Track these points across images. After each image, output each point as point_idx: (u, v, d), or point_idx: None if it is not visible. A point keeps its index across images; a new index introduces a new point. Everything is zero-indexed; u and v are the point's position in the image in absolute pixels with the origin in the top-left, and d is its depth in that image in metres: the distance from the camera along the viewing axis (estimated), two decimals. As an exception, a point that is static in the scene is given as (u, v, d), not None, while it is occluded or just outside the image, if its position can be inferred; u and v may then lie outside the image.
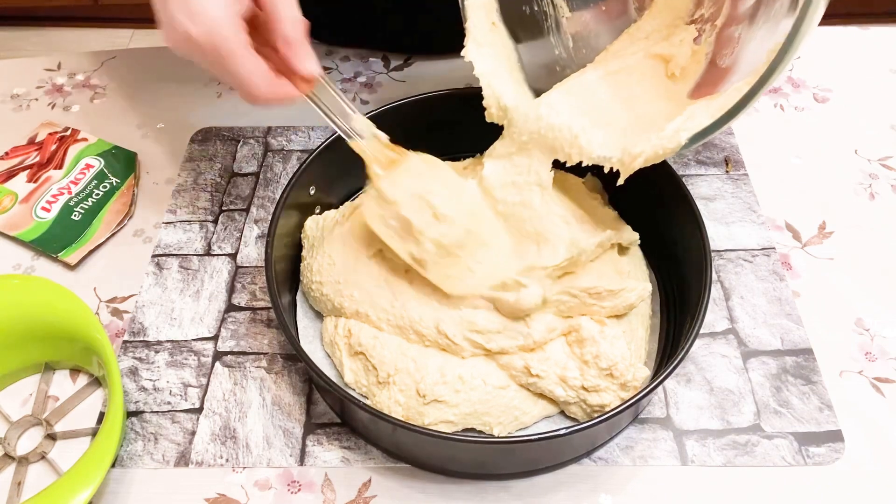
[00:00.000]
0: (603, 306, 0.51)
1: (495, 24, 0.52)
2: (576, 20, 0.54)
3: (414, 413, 0.48)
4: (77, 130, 0.70)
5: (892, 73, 0.76)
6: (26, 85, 0.77)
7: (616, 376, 0.48)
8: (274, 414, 0.53)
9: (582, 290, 0.51)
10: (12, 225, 0.63)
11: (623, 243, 0.55)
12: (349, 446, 0.51)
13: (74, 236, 0.62)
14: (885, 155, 0.68)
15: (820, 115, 0.72)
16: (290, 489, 0.49)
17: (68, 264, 0.61)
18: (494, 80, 0.51)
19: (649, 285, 0.54)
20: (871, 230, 0.63)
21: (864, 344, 0.56)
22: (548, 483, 0.49)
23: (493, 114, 0.52)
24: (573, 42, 0.54)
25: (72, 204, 0.64)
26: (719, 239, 0.62)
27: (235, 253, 0.62)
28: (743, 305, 0.58)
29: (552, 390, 0.49)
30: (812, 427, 0.51)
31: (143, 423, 0.52)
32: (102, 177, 0.66)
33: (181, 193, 0.66)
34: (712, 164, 0.67)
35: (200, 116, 0.73)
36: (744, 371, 0.54)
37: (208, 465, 0.50)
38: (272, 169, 0.68)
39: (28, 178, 0.66)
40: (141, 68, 0.78)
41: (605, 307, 0.51)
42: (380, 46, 0.78)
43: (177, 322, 0.58)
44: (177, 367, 0.55)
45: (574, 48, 0.54)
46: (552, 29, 0.54)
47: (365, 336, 0.51)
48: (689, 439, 0.51)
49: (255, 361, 0.55)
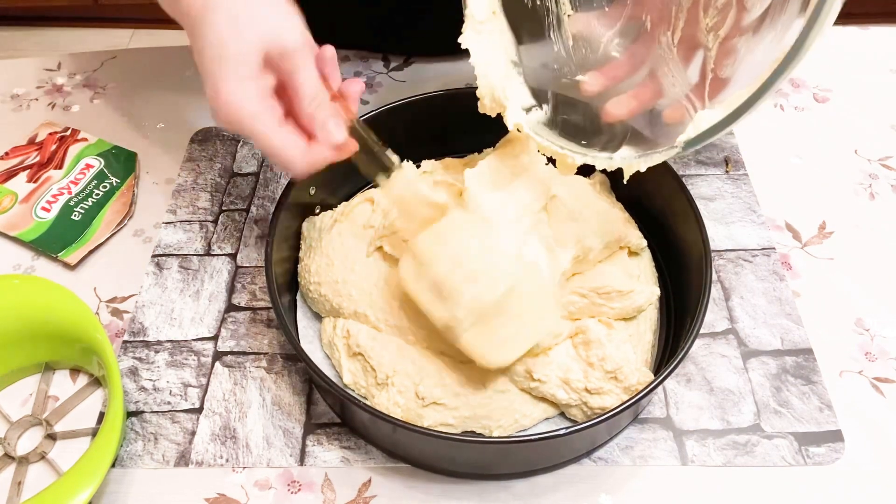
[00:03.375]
0: (612, 307, 0.51)
1: (496, 13, 0.51)
2: (577, 20, 0.53)
3: (413, 415, 0.48)
4: (77, 130, 0.70)
5: (892, 73, 0.76)
6: (26, 85, 0.77)
7: (621, 379, 0.48)
8: (274, 414, 0.53)
9: (591, 289, 0.51)
10: (12, 225, 0.63)
11: (631, 247, 0.55)
12: (349, 446, 0.51)
13: (74, 236, 0.62)
14: (885, 155, 0.68)
15: (820, 115, 0.72)
16: (290, 489, 0.49)
17: (68, 264, 0.61)
18: (490, 71, 0.50)
19: (657, 289, 0.54)
20: (872, 230, 0.63)
21: (864, 344, 0.56)
22: (548, 483, 0.49)
23: (486, 105, 0.50)
24: (573, 41, 0.54)
25: (72, 204, 0.64)
26: (719, 239, 0.62)
27: (235, 253, 0.62)
28: (743, 305, 0.58)
29: (554, 393, 0.49)
30: (812, 427, 0.51)
31: (143, 423, 0.52)
32: (102, 177, 0.66)
33: (181, 193, 0.66)
34: (712, 164, 0.67)
35: (200, 116, 0.73)
36: (744, 371, 0.54)
37: (208, 465, 0.50)
38: (272, 169, 0.68)
39: (28, 178, 0.66)
40: (141, 68, 0.78)
41: (613, 308, 0.51)
42: (380, 47, 0.78)
43: (177, 322, 0.58)
44: (177, 367, 0.55)
45: (574, 47, 0.53)
46: (553, 25, 0.53)
47: (363, 337, 0.51)
48: (689, 439, 0.51)
49: (255, 361, 0.55)
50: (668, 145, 0.44)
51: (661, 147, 0.45)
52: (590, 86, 0.51)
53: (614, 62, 0.51)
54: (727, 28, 0.44)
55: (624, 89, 0.50)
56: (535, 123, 0.51)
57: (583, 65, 0.53)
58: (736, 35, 0.44)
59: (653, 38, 0.49)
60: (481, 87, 0.50)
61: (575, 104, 0.52)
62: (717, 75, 0.45)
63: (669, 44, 0.47)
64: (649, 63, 0.49)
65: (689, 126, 0.43)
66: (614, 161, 0.47)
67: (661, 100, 0.49)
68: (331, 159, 0.46)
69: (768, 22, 0.41)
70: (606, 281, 0.51)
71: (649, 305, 0.53)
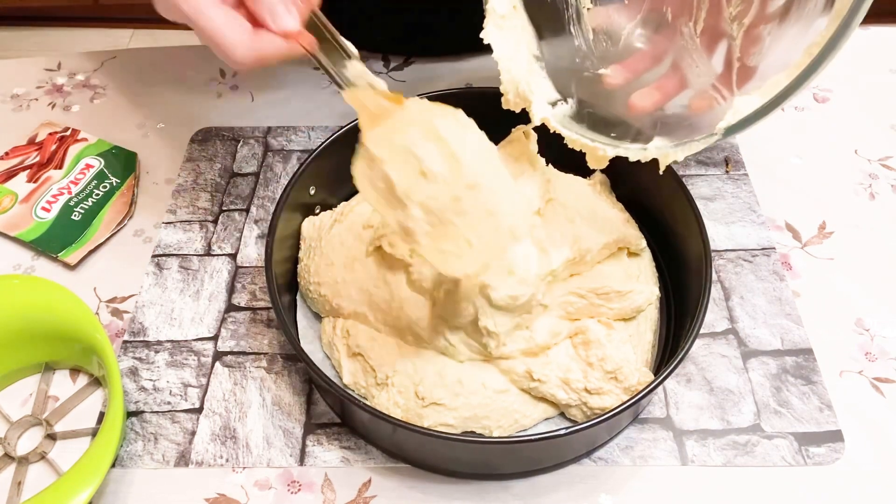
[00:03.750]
0: (611, 308, 0.51)
1: (516, 8, 0.50)
2: (597, 14, 0.52)
3: (413, 415, 0.48)
4: (77, 130, 0.70)
5: (892, 73, 0.76)
6: (26, 85, 0.77)
7: (620, 380, 0.48)
8: (274, 414, 0.53)
9: (590, 290, 0.51)
10: (12, 225, 0.63)
11: (631, 248, 0.55)
12: (349, 446, 0.51)
13: (74, 236, 0.62)
14: (885, 155, 0.68)
15: (820, 114, 0.72)
16: (290, 489, 0.49)
17: (68, 264, 0.61)
18: (513, 65, 0.49)
19: (657, 289, 0.54)
20: (872, 230, 0.63)
21: (864, 344, 0.56)
22: (548, 483, 0.49)
23: (511, 100, 0.49)
24: (593, 35, 0.53)
25: (72, 204, 0.64)
26: (719, 239, 0.62)
27: (235, 253, 0.62)
28: (743, 305, 0.58)
29: (554, 393, 0.49)
30: (812, 427, 0.51)
31: (143, 423, 0.52)
32: (102, 177, 0.66)
33: (181, 193, 0.66)
34: (712, 164, 0.67)
35: (200, 116, 0.73)
36: (744, 371, 0.54)
37: (208, 465, 0.50)
38: (272, 169, 0.68)
39: (28, 178, 0.66)
40: (141, 68, 0.78)
41: (612, 308, 0.51)
42: (380, 48, 0.78)
43: (177, 322, 0.58)
44: (177, 367, 0.55)
45: (594, 41, 0.52)
46: (573, 20, 0.52)
47: (363, 337, 0.51)
48: (688, 439, 0.51)
49: (255, 361, 0.55)
50: (706, 133, 0.43)
51: (698, 135, 0.44)
52: (613, 79, 0.50)
53: (636, 54, 0.50)
54: (752, 16, 0.43)
55: (648, 81, 0.49)
56: (561, 117, 0.51)
57: (604, 58, 0.52)
58: (761, 23, 0.43)
59: (674, 29, 0.48)
60: (505, 83, 0.49)
61: (600, 97, 0.51)
62: (744, 63, 0.44)
63: (692, 34, 0.47)
64: (672, 54, 0.49)
65: (729, 113, 0.42)
66: (649, 152, 0.46)
67: (685, 90, 0.48)
68: (283, 52, 0.41)
69: (795, 8, 0.41)
70: (605, 282, 0.51)
71: (649, 305, 0.53)
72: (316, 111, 0.73)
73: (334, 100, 0.74)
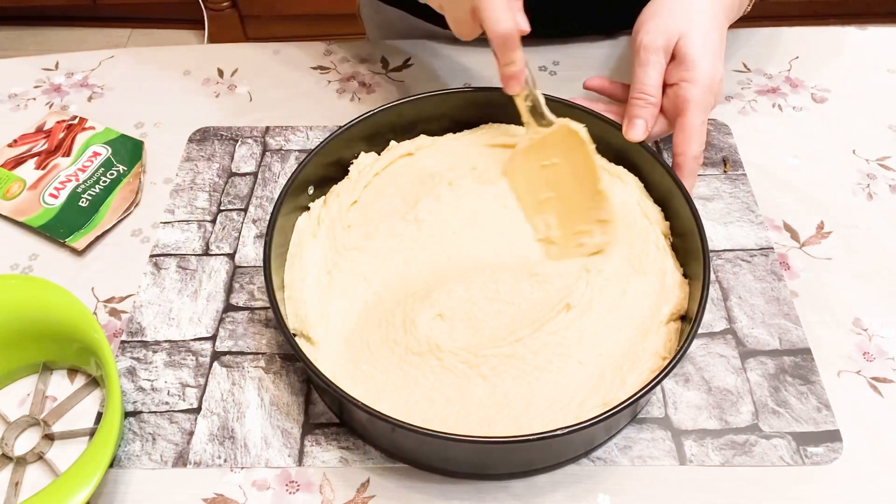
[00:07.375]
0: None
1: None
2: None
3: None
4: (84, 119, 0.71)
5: (890, 73, 0.76)
6: (24, 84, 0.76)
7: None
8: (272, 414, 0.52)
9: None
10: (20, 211, 0.64)
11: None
12: (348, 446, 0.51)
13: (82, 222, 0.63)
14: (883, 155, 0.68)
15: (818, 115, 0.72)
16: (288, 489, 0.49)
17: (76, 249, 0.61)
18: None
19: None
20: (869, 230, 0.63)
21: (862, 344, 0.56)
22: (546, 483, 0.49)
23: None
24: None
25: (79, 191, 0.65)
26: (717, 239, 0.62)
27: (233, 253, 0.62)
28: (741, 305, 0.58)
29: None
30: (810, 427, 0.51)
31: (140, 424, 0.52)
32: (109, 164, 0.67)
33: (179, 193, 0.66)
34: (710, 165, 0.67)
35: (198, 116, 0.73)
36: (742, 371, 0.54)
37: (206, 465, 0.50)
38: (270, 169, 0.68)
39: (36, 165, 0.67)
40: (138, 68, 0.78)
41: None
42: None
43: (175, 322, 0.58)
44: (175, 368, 0.55)
45: None
46: None
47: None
48: (687, 439, 0.51)
49: (254, 361, 0.55)
50: None
51: None
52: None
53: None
54: None
55: None
56: None
57: None
58: None
59: None
60: None
61: None
62: None
63: None
64: None
65: None
66: None
67: None
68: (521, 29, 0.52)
69: None
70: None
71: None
72: (314, 111, 0.73)
73: (332, 100, 0.74)
